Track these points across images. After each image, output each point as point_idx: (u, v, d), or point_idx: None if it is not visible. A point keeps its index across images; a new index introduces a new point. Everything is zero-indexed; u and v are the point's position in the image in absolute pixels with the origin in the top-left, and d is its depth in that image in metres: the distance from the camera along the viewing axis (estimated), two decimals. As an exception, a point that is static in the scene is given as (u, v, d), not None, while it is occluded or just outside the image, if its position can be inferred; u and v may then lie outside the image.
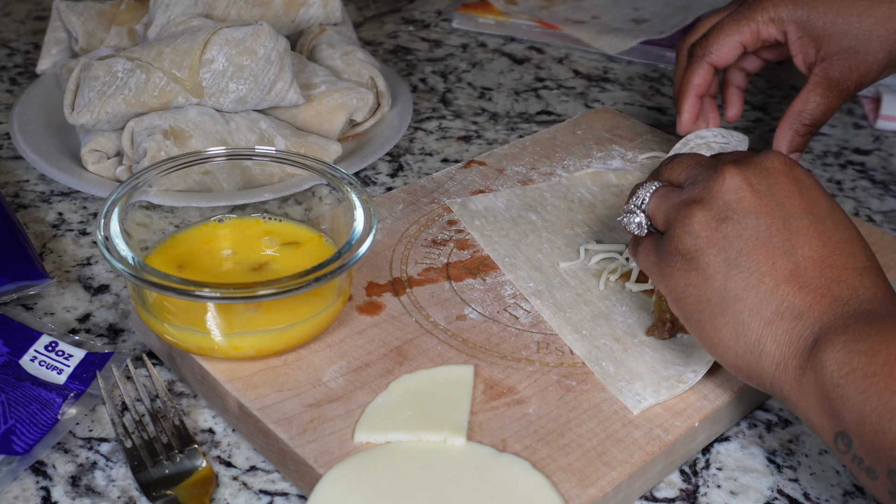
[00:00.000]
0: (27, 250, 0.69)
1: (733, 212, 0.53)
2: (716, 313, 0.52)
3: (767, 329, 0.51)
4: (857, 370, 0.47)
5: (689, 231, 0.53)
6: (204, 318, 0.57)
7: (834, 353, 0.48)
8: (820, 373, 0.49)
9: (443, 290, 0.66)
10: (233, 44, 0.77)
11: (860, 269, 0.52)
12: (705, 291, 0.53)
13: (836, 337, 0.49)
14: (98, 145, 0.78)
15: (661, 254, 0.55)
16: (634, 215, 0.58)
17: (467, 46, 1.09)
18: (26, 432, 0.55)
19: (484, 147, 0.89)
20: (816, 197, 0.54)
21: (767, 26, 0.74)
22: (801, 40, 0.74)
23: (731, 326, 0.52)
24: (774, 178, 0.54)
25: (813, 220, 0.52)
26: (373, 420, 0.55)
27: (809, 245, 0.52)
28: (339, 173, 0.63)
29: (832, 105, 0.74)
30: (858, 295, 0.51)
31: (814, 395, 0.49)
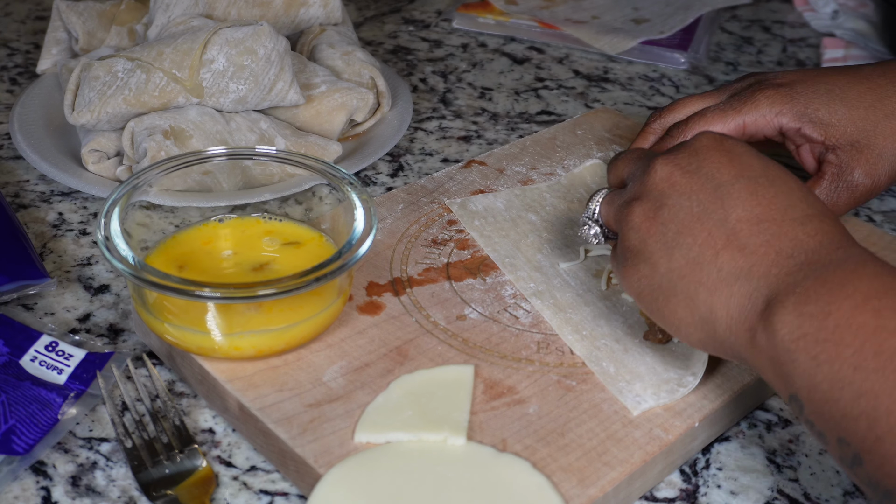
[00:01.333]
0: (27, 250, 0.69)
1: (667, 197, 0.54)
2: (668, 296, 0.53)
3: (715, 297, 0.51)
4: (808, 335, 0.47)
5: (631, 227, 0.55)
6: (204, 318, 0.57)
7: (784, 315, 0.48)
8: (772, 336, 0.48)
9: (443, 290, 0.66)
10: (233, 44, 0.77)
11: (801, 219, 0.51)
12: (655, 279, 0.54)
13: (786, 298, 0.48)
14: (98, 145, 0.78)
15: (617, 256, 0.57)
16: (589, 227, 0.61)
17: (467, 46, 1.09)
18: (26, 432, 0.55)
19: (484, 147, 0.89)
20: (748, 160, 0.54)
21: (755, 122, 0.70)
22: (800, 131, 0.70)
23: (684, 304, 0.52)
24: (704, 155, 0.54)
25: (745, 181, 0.52)
26: (373, 420, 0.55)
27: (742, 206, 0.52)
28: (339, 173, 0.63)
29: (838, 201, 0.69)
30: (803, 245, 0.50)
31: (767, 357, 0.49)
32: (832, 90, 0.70)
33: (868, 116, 0.69)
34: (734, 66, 1.08)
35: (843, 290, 0.47)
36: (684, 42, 1.08)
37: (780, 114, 0.70)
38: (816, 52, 1.11)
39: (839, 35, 1.12)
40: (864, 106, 0.69)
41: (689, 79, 1.04)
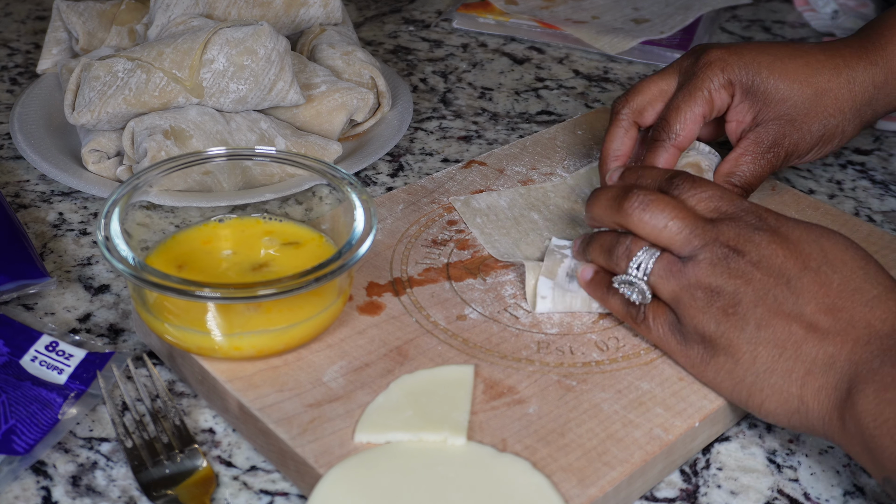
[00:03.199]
0: (27, 249, 0.69)
1: (742, 293, 0.55)
2: (753, 391, 0.55)
3: (804, 389, 0.53)
4: (890, 420, 0.49)
5: (709, 317, 0.55)
6: (204, 318, 0.57)
7: (866, 403, 0.50)
8: (857, 423, 0.50)
9: (443, 290, 0.66)
10: (233, 44, 0.77)
11: (870, 302, 0.53)
12: (737, 372, 0.55)
13: (867, 386, 0.50)
14: (98, 145, 0.78)
15: (683, 337, 0.57)
16: (633, 286, 0.59)
17: (467, 46, 1.09)
18: (27, 432, 0.55)
19: (484, 147, 0.89)
20: (806, 248, 0.55)
21: (720, 93, 0.70)
22: (740, 106, 0.71)
23: (773, 398, 0.54)
24: (769, 250, 0.55)
25: (811, 273, 0.54)
26: (373, 420, 0.55)
27: (815, 298, 0.53)
28: (339, 173, 0.63)
29: (763, 171, 0.71)
30: (877, 331, 0.52)
31: (857, 443, 0.51)
32: (774, 62, 0.71)
33: (801, 91, 0.70)
34: (734, 66, 1.08)
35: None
36: (684, 42, 1.08)
37: (731, 83, 0.71)
38: (816, 52, 1.11)
39: (839, 35, 1.12)
40: (799, 80, 0.70)
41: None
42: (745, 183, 0.71)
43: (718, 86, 0.70)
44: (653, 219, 0.58)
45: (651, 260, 0.58)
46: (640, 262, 0.58)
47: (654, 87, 0.73)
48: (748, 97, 0.71)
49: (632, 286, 0.59)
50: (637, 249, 0.58)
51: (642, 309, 0.59)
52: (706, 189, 0.59)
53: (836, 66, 0.72)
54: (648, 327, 0.59)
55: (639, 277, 0.58)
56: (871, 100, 0.72)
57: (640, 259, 0.58)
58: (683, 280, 0.56)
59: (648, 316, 0.59)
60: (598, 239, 0.62)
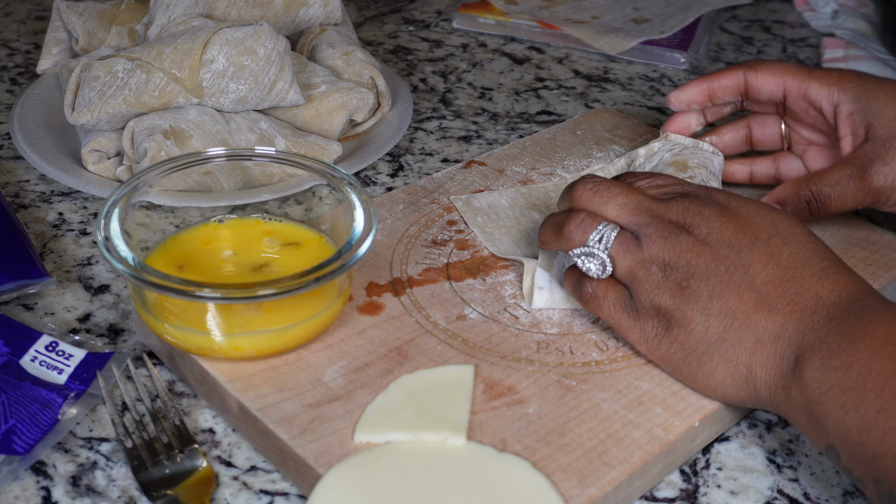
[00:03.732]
0: (27, 249, 0.69)
1: (694, 266, 0.55)
2: (704, 360, 0.55)
3: (753, 358, 0.54)
4: (835, 386, 0.50)
5: (664, 290, 0.56)
6: (204, 319, 0.57)
7: (812, 371, 0.51)
8: (803, 391, 0.51)
9: (443, 290, 0.66)
10: (233, 44, 0.77)
11: (818, 273, 0.54)
12: (689, 343, 0.56)
13: (813, 354, 0.51)
14: (98, 145, 0.78)
15: (636, 313, 0.58)
16: (594, 258, 0.58)
17: (467, 46, 1.09)
18: (27, 432, 0.55)
19: (484, 147, 0.89)
20: (756, 221, 0.56)
21: (819, 87, 0.70)
22: (851, 117, 0.69)
23: (722, 367, 0.55)
24: (719, 223, 0.56)
25: (761, 245, 0.55)
26: (373, 420, 0.55)
27: (765, 269, 0.55)
28: (339, 173, 0.63)
29: (846, 193, 0.68)
30: (823, 301, 0.53)
31: (802, 411, 0.52)
32: (893, 90, 0.69)
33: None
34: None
35: (861, 341, 0.50)
36: (684, 42, 1.08)
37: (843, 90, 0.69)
38: (816, 52, 1.11)
39: (839, 35, 1.12)
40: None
41: (689, 79, 1.04)
42: (822, 194, 0.68)
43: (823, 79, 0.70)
44: (600, 197, 0.59)
45: (613, 234, 0.58)
46: (602, 236, 0.58)
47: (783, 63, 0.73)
48: (860, 110, 0.69)
49: (592, 258, 0.58)
50: (595, 223, 0.58)
51: (589, 286, 0.59)
52: (655, 178, 0.61)
53: None
54: (599, 304, 0.59)
55: (600, 249, 0.58)
56: None
57: (601, 232, 0.58)
58: (639, 255, 0.57)
59: (597, 292, 0.59)
60: (548, 220, 0.62)
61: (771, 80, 0.72)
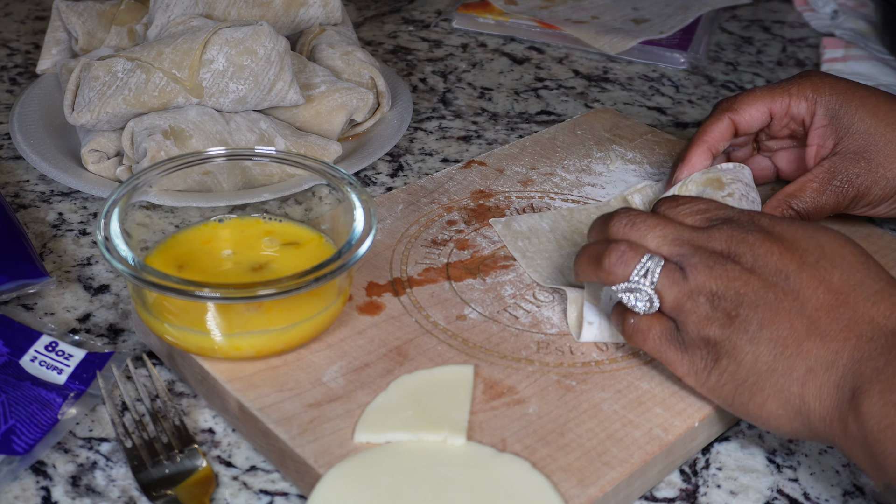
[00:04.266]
0: (26, 249, 0.69)
1: (742, 295, 0.53)
2: (755, 391, 0.53)
3: (806, 388, 0.52)
4: (895, 424, 0.48)
5: (712, 321, 0.54)
6: (204, 319, 0.57)
7: (870, 405, 0.49)
8: (861, 425, 0.49)
9: (443, 290, 0.66)
10: (233, 44, 0.77)
11: (872, 297, 0.52)
12: (739, 374, 0.54)
13: (871, 387, 0.49)
14: (98, 145, 0.78)
15: (684, 345, 0.56)
16: (639, 293, 0.56)
17: (467, 46, 1.09)
18: (26, 432, 0.55)
19: (484, 147, 0.89)
20: (803, 244, 0.54)
21: (800, 102, 0.70)
22: (823, 129, 0.70)
23: (774, 397, 0.53)
24: (764, 249, 0.54)
25: (809, 269, 0.53)
26: (373, 420, 0.55)
27: (815, 295, 0.52)
28: (339, 173, 0.63)
29: (826, 203, 0.69)
30: (880, 328, 0.51)
31: (860, 447, 0.49)
32: (867, 98, 0.70)
33: (887, 132, 0.69)
34: (734, 66, 1.08)
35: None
36: (684, 42, 1.08)
37: (816, 100, 0.70)
38: (816, 52, 1.11)
39: (839, 35, 1.12)
40: (887, 121, 0.69)
41: (689, 79, 1.04)
42: (804, 209, 0.69)
43: (801, 94, 0.70)
44: (637, 229, 0.57)
45: (658, 267, 0.55)
46: (647, 270, 0.55)
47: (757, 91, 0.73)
48: (832, 122, 0.70)
49: (638, 293, 0.56)
50: (637, 255, 0.56)
51: (632, 320, 0.57)
52: (693, 203, 0.59)
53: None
54: (644, 338, 0.56)
55: (646, 285, 0.55)
56: None
57: (645, 266, 0.55)
58: (685, 287, 0.55)
59: (642, 326, 0.56)
60: (585, 251, 0.59)
61: (755, 112, 0.71)
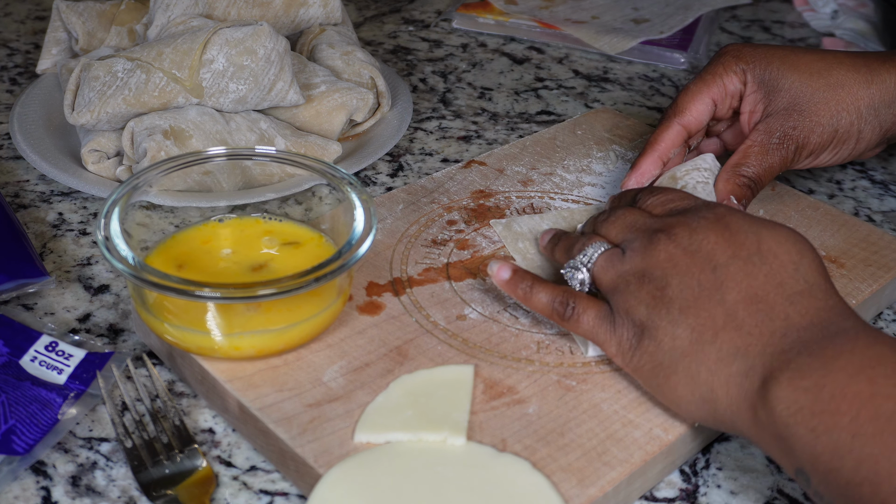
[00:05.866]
0: (26, 248, 0.69)
1: (670, 276, 0.55)
2: (669, 373, 0.54)
3: (714, 377, 0.52)
4: (805, 408, 0.48)
5: (637, 301, 0.56)
6: (204, 318, 0.57)
7: (780, 391, 0.49)
8: (770, 412, 0.49)
9: (443, 290, 0.66)
10: (233, 44, 0.77)
11: (791, 296, 0.52)
12: (658, 355, 0.55)
13: (781, 374, 0.49)
14: (98, 145, 0.78)
15: (613, 325, 0.57)
16: (578, 272, 0.60)
17: (467, 46, 1.09)
18: (26, 432, 0.55)
19: (484, 147, 0.89)
20: (743, 238, 0.55)
21: (731, 78, 0.72)
22: (753, 96, 0.72)
23: (685, 382, 0.54)
24: (702, 234, 0.55)
25: (740, 262, 0.54)
26: (373, 420, 0.55)
27: (738, 287, 0.53)
28: (339, 173, 0.63)
29: (772, 163, 0.70)
30: (794, 324, 0.51)
31: (769, 434, 0.50)
32: (788, 55, 0.72)
33: (812, 82, 0.71)
34: (734, 66, 1.08)
35: (836, 363, 0.48)
36: (684, 42, 1.08)
37: (742, 70, 0.72)
38: (816, 52, 1.11)
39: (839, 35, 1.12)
40: (810, 72, 0.71)
41: (689, 79, 1.04)
42: (755, 175, 0.70)
43: (729, 71, 0.72)
44: (609, 222, 0.61)
45: (599, 249, 0.59)
46: (588, 251, 0.60)
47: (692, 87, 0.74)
48: (760, 87, 0.72)
49: (575, 271, 0.60)
50: (590, 242, 0.60)
51: (571, 304, 0.58)
52: (665, 194, 0.61)
53: (854, 65, 0.71)
54: (578, 320, 0.58)
55: (583, 263, 0.60)
56: (892, 102, 0.71)
57: (588, 251, 0.60)
58: (620, 268, 0.57)
59: (578, 309, 0.58)
60: (564, 240, 0.64)
61: (700, 107, 0.73)
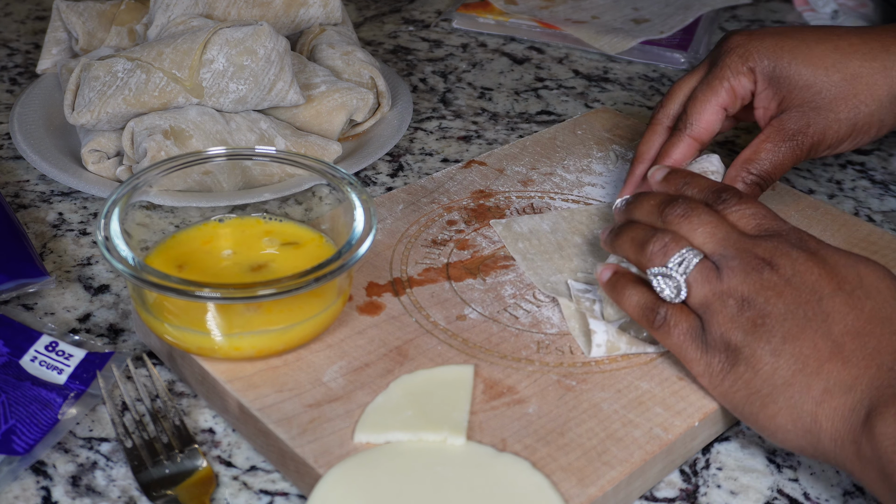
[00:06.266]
0: (26, 248, 0.69)
1: (772, 305, 0.54)
2: (767, 402, 0.53)
3: (820, 408, 0.52)
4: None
5: (737, 326, 0.54)
6: (204, 319, 0.57)
7: (885, 427, 0.49)
8: (875, 447, 0.49)
9: (443, 290, 0.66)
10: (233, 44, 0.77)
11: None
12: (754, 383, 0.54)
13: (887, 409, 0.49)
14: (98, 145, 0.78)
15: (705, 345, 0.56)
16: (671, 280, 0.57)
17: (467, 46, 1.09)
18: (27, 432, 0.55)
19: (484, 147, 0.89)
20: (843, 272, 0.54)
21: (740, 80, 0.69)
22: (765, 93, 0.70)
23: (786, 412, 0.53)
24: (805, 267, 0.55)
25: (844, 296, 0.53)
26: (373, 420, 0.55)
27: (844, 321, 0.53)
28: (339, 173, 0.63)
29: (784, 160, 0.69)
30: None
31: (873, 469, 0.49)
32: (798, 46, 0.69)
33: (828, 76, 0.68)
34: (734, 66, 1.08)
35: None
36: (684, 42, 1.08)
37: (751, 70, 0.69)
38: (816, 51, 1.11)
39: (839, 35, 1.12)
40: (825, 65, 0.68)
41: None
42: (764, 171, 0.69)
43: (738, 74, 0.69)
44: (689, 223, 0.58)
45: (695, 259, 0.57)
46: (683, 260, 0.57)
47: (685, 87, 0.73)
48: (771, 84, 0.69)
49: (668, 280, 0.57)
50: (678, 247, 0.57)
51: (663, 312, 0.57)
52: (751, 206, 0.59)
53: (870, 50, 0.69)
54: (668, 332, 0.57)
55: (679, 273, 0.57)
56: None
57: (683, 256, 0.57)
58: (717, 286, 0.55)
59: (670, 320, 0.57)
60: (630, 231, 0.60)
61: (710, 117, 0.70)
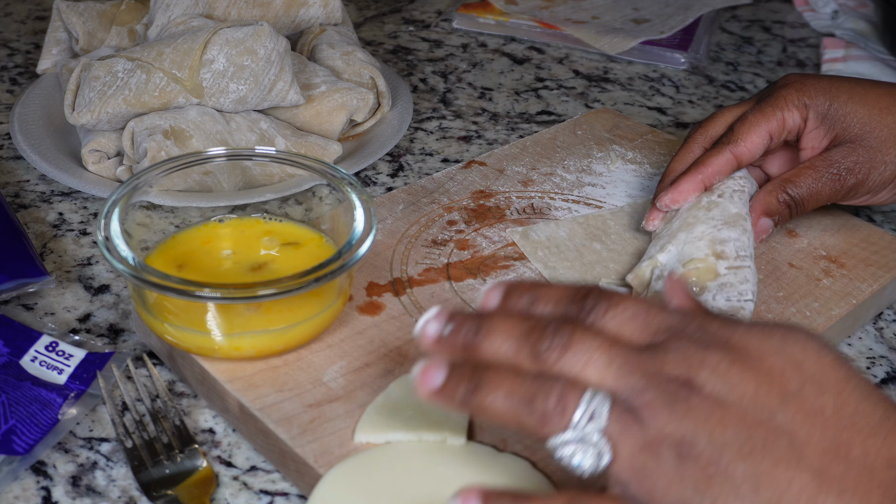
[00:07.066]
0: (26, 248, 0.69)
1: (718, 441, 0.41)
2: None
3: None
4: None
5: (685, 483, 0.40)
6: (204, 319, 0.57)
7: None
8: None
9: (443, 291, 0.66)
10: (233, 44, 0.77)
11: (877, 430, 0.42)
12: None
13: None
14: (98, 145, 0.78)
15: None
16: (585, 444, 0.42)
17: (467, 46, 1.09)
18: (27, 432, 0.55)
19: (484, 147, 0.89)
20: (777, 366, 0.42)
21: (792, 113, 0.68)
22: (815, 132, 0.68)
23: None
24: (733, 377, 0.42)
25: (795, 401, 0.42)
26: (373, 420, 0.55)
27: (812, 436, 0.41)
28: (339, 173, 0.63)
29: (822, 190, 0.67)
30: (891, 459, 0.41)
31: None
32: (854, 88, 0.69)
33: (882, 117, 0.68)
34: (734, 67, 1.08)
35: None
36: (684, 42, 1.08)
37: (805, 105, 0.69)
38: (816, 52, 1.11)
39: (839, 35, 1.12)
40: (879, 106, 0.68)
41: (689, 79, 1.04)
42: (799, 196, 0.68)
43: (791, 105, 0.68)
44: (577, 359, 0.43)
45: (605, 406, 0.42)
46: (592, 411, 0.42)
47: (729, 115, 0.71)
48: (824, 123, 0.68)
49: (582, 446, 0.42)
50: (577, 395, 0.42)
51: None
52: (626, 307, 0.45)
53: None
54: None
55: (593, 431, 0.42)
56: None
57: (589, 405, 0.42)
58: (642, 436, 0.41)
59: None
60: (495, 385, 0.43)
61: (756, 139, 0.68)
